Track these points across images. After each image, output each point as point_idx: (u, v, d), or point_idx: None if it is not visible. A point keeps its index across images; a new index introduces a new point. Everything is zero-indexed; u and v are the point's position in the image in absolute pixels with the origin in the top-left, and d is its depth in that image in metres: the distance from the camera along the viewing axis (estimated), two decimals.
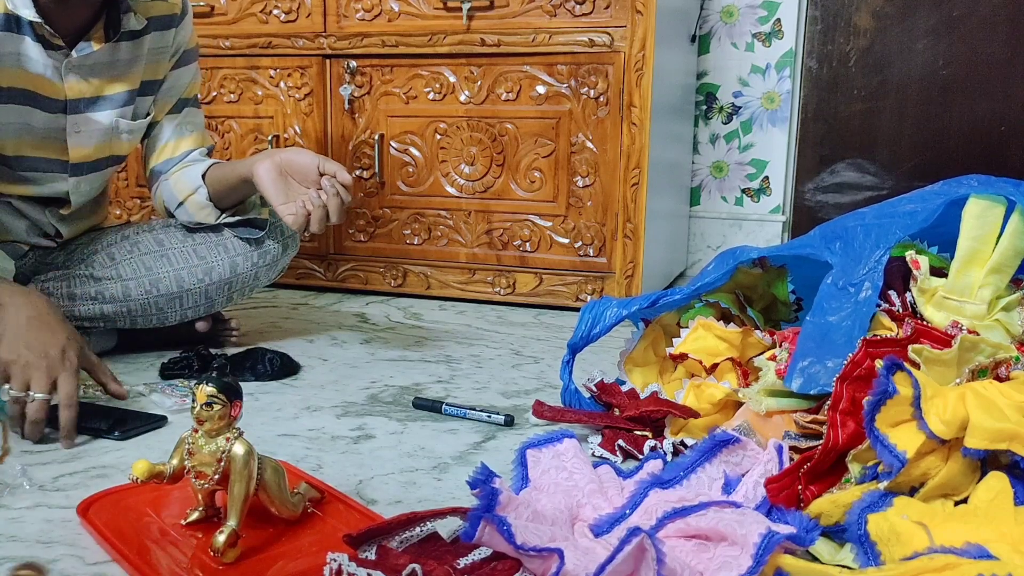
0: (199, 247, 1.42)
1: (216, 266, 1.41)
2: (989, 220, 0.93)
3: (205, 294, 1.41)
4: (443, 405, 1.17)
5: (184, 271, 1.40)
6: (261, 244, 1.45)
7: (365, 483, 0.94)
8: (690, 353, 1.11)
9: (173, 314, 1.41)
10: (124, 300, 1.38)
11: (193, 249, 1.42)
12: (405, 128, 1.91)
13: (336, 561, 0.67)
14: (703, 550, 0.71)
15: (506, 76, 1.81)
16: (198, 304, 1.42)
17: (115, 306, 1.38)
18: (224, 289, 1.43)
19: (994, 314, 0.93)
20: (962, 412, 0.75)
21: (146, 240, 1.42)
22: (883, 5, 2.13)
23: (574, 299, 1.84)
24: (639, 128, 1.74)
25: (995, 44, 2.06)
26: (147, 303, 1.39)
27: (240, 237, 1.44)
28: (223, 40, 1.99)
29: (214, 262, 1.41)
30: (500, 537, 0.68)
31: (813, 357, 0.92)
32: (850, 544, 0.75)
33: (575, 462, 0.88)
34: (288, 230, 1.47)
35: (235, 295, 1.46)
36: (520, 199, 1.85)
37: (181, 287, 1.39)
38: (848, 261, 1.00)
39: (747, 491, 0.83)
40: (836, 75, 2.18)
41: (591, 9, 1.74)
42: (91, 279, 1.39)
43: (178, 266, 1.40)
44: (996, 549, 0.66)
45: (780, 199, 2.26)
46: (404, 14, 1.86)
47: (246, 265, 1.44)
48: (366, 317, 1.78)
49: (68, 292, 1.38)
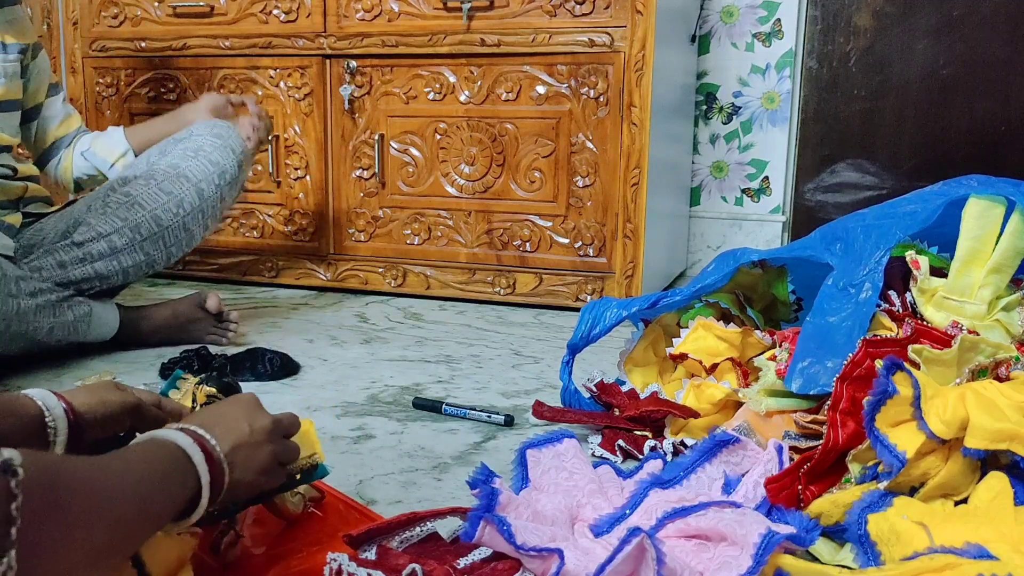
0: (163, 183, 1.49)
1: (185, 196, 1.49)
2: (989, 220, 0.93)
3: (184, 227, 1.50)
4: (443, 405, 1.17)
5: (159, 210, 1.47)
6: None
7: (365, 483, 0.94)
8: (690, 353, 1.11)
9: (159, 255, 1.49)
10: (112, 253, 1.44)
11: (159, 187, 1.48)
12: (405, 128, 1.91)
13: (336, 561, 0.67)
14: (703, 550, 0.71)
15: (506, 76, 1.81)
16: (180, 239, 1.50)
17: (105, 262, 1.45)
18: (198, 217, 1.51)
19: (994, 314, 0.93)
20: (962, 412, 0.75)
21: (114, 198, 1.48)
22: (883, 5, 2.13)
23: (574, 299, 1.84)
24: (639, 128, 1.74)
25: (995, 44, 2.06)
26: (133, 249, 1.46)
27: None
28: (223, 40, 1.99)
29: (182, 194, 1.49)
30: (500, 537, 0.68)
31: (813, 357, 0.92)
32: (850, 544, 0.75)
33: (575, 462, 0.88)
34: (240, 147, 1.58)
35: (209, 222, 1.54)
36: (520, 199, 1.85)
37: (160, 226, 1.47)
38: (849, 262, 1.00)
39: (747, 491, 0.83)
40: (836, 75, 2.18)
41: (591, 9, 1.74)
42: (74, 246, 1.44)
43: (152, 207, 1.47)
44: (996, 549, 0.66)
45: (780, 199, 2.26)
46: (404, 14, 1.86)
47: (210, 189, 1.51)
48: (366, 317, 1.78)
49: (58, 262, 1.42)
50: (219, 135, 1.55)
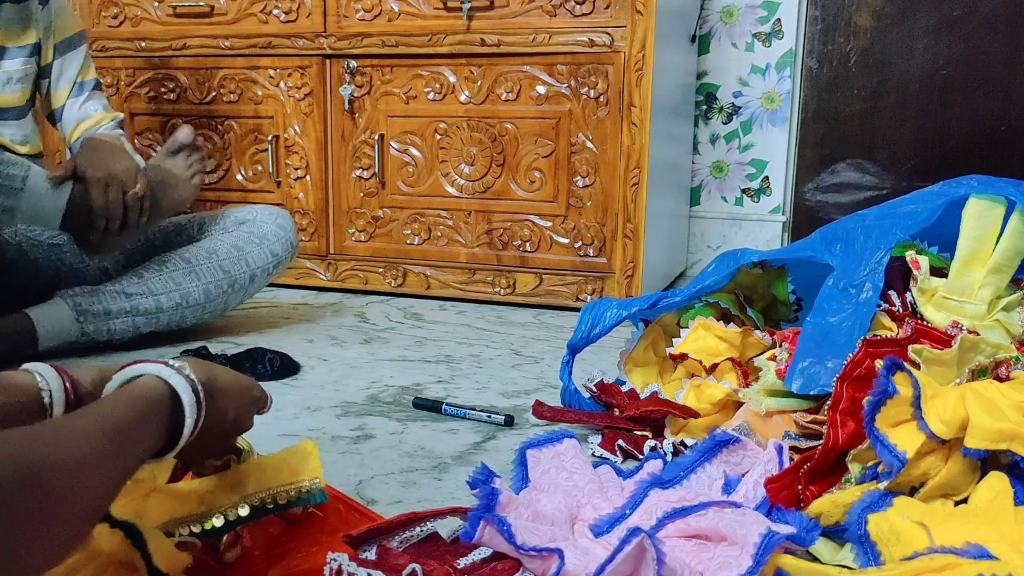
0: (224, 262, 1.56)
1: (239, 278, 1.57)
2: (989, 220, 0.93)
3: (225, 303, 1.57)
4: (443, 405, 1.17)
5: (212, 285, 1.54)
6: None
7: (365, 483, 0.94)
8: (690, 353, 1.11)
9: (191, 320, 1.54)
10: (155, 312, 1.49)
11: (219, 265, 1.55)
12: (405, 128, 1.91)
13: (336, 561, 0.67)
14: (703, 550, 0.71)
15: (506, 76, 1.81)
16: (216, 310, 1.57)
17: (146, 319, 1.49)
18: (240, 295, 1.59)
19: (994, 314, 0.93)
20: (962, 412, 0.75)
21: (174, 261, 1.53)
22: (883, 5, 2.13)
23: (574, 299, 1.84)
24: (639, 128, 1.74)
25: (995, 44, 2.06)
26: (175, 312, 1.51)
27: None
28: (223, 40, 1.99)
29: (237, 275, 1.56)
30: (500, 537, 0.68)
31: (813, 358, 0.92)
32: (850, 544, 0.75)
33: (575, 462, 0.88)
34: (296, 239, 1.68)
35: (244, 298, 1.62)
36: (520, 199, 1.85)
37: (208, 299, 1.54)
38: (849, 263, 1.00)
39: (747, 491, 0.83)
40: (836, 75, 2.18)
41: (591, 9, 1.74)
42: (124, 296, 1.47)
43: (207, 280, 1.53)
44: (996, 549, 0.66)
45: (780, 199, 2.26)
46: (404, 14, 1.86)
47: (262, 276, 1.61)
48: (366, 317, 1.78)
49: (104, 310, 1.45)
50: (282, 226, 1.64)
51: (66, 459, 0.48)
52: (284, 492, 0.73)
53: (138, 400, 0.59)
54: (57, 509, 0.46)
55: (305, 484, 0.75)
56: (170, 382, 0.61)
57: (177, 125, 2.07)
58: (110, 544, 0.63)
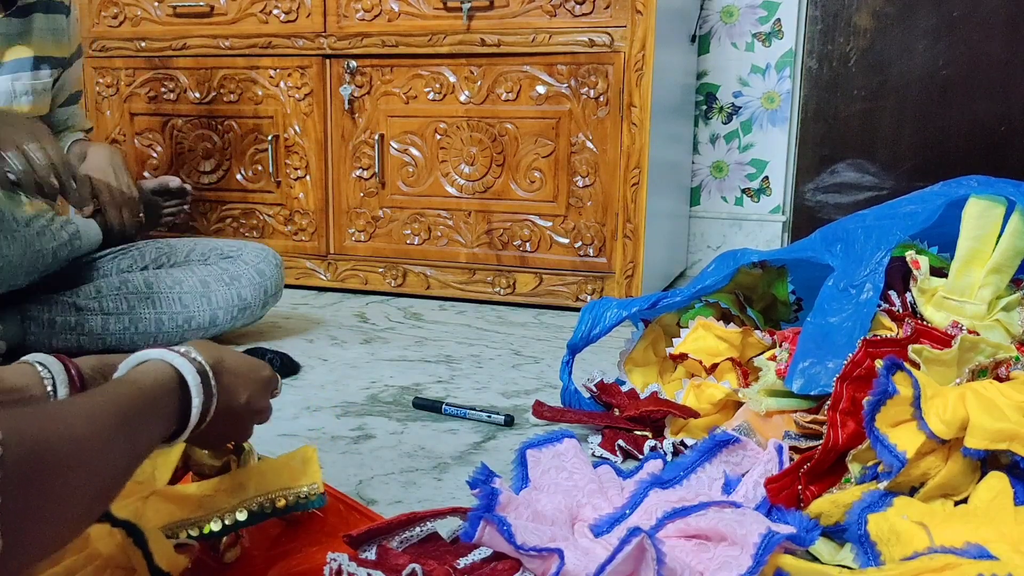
0: (185, 296, 1.45)
1: (196, 316, 1.46)
2: (989, 220, 0.93)
3: (180, 340, 1.44)
4: (443, 405, 1.17)
5: (166, 316, 1.44)
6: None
7: (365, 483, 0.94)
8: (690, 353, 1.11)
9: (142, 347, 1.48)
10: (101, 334, 1.41)
11: (179, 297, 1.45)
12: (405, 128, 1.91)
13: (336, 561, 0.67)
14: (703, 550, 0.71)
15: (506, 76, 1.81)
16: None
17: (90, 338, 1.40)
18: (196, 335, 1.46)
19: (994, 314, 0.93)
20: (962, 412, 0.75)
21: (134, 282, 1.44)
22: (883, 5, 2.13)
23: (574, 299, 1.84)
24: (639, 128, 1.74)
25: (995, 44, 2.06)
26: (123, 336, 1.42)
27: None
28: (223, 40, 1.99)
29: (195, 313, 1.46)
30: (500, 537, 0.68)
31: (813, 358, 0.92)
32: (850, 544, 0.75)
33: (575, 462, 0.88)
34: (275, 287, 1.57)
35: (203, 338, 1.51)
36: (520, 199, 1.85)
37: (159, 330, 1.44)
38: (849, 263, 1.00)
39: (747, 491, 0.83)
40: (836, 75, 2.18)
41: (591, 9, 1.74)
42: (74, 309, 1.40)
43: (160, 311, 1.44)
44: (996, 549, 0.66)
45: (780, 199, 2.26)
46: (404, 14, 1.86)
47: (225, 319, 1.49)
48: (366, 317, 1.78)
49: (49, 319, 1.39)
50: (261, 271, 1.53)
51: (75, 436, 0.47)
52: (283, 497, 0.73)
53: (145, 382, 0.59)
54: (65, 486, 0.46)
55: (304, 490, 0.75)
56: (174, 364, 0.61)
57: (177, 125, 2.07)
58: (108, 546, 0.63)
